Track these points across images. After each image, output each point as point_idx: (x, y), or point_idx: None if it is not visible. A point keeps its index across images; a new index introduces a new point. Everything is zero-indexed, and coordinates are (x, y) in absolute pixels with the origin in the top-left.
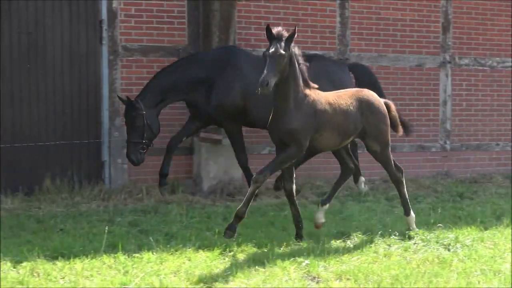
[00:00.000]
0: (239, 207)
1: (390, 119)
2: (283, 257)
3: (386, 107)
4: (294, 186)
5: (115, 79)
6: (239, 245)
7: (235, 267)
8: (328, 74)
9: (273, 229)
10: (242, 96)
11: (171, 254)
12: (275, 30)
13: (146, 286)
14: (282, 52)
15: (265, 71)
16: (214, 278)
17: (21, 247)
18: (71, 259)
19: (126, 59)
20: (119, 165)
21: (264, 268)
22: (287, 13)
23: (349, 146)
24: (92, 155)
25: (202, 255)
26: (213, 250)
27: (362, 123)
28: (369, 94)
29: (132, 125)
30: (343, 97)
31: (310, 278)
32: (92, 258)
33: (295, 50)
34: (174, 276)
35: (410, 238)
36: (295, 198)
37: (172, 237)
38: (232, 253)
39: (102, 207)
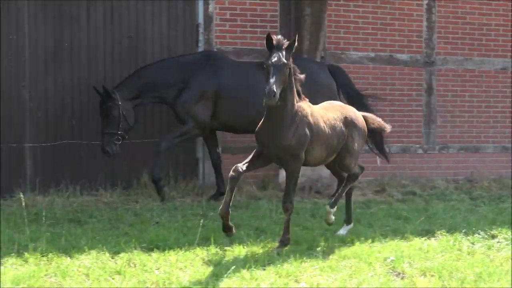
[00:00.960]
0: (282, 235)
1: (374, 127)
2: (369, 253)
3: (365, 120)
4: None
5: None
6: (326, 240)
7: (322, 262)
8: (311, 75)
9: (359, 226)
10: (212, 98)
11: (261, 248)
12: (275, 38)
13: (236, 278)
14: (285, 61)
15: (270, 81)
16: (301, 272)
17: (119, 238)
18: (166, 251)
19: None
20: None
21: (350, 263)
22: (375, 17)
23: None
24: (188, 152)
25: (290, 249)
26: (301, 245)
27: (344, 139)
28: (352, 111)
29: (108, 115)
30: (331, 110)
31: (395, 274)
32: (186, 251)
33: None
34: (264, 269)
35: (493, 236)
36: (235, 186)
37: (262, 232)
38: (319, 248)
39: (196, 201)
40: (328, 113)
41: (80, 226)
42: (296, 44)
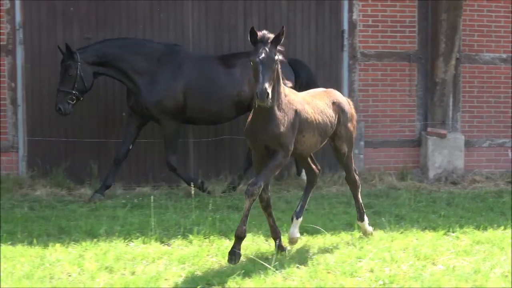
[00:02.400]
0: (238, 226)
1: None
2: (501, 238)
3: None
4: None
5: (353, 80)
6: (461, 227)
7: (457, 246)
8: None
9: (492, 214)
10: (183, 93)
11: (400, 233)
12: (259, 33)
13: (378, 260)
14: (274, 57)
15: (261, 80)
16: (438, 255)
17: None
18: (314, 235)
19: (364, 64)
20: (355, 155)
21: (484, 248)
22: (507, 21)
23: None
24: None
25: (428, 235)
26: (437, 230)
27: (335, 123)
28: (339, 95)
29: (65, 73)
30: (317, 97)
31: None
32: (332, 235)
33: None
34: (403, 252)
35: None
36: (271, 209)
37: (401, 219)
38: (454, 234)
39: (340, 191)
40: (315, 99)
41: (237, 212)
42: (283, 37)
